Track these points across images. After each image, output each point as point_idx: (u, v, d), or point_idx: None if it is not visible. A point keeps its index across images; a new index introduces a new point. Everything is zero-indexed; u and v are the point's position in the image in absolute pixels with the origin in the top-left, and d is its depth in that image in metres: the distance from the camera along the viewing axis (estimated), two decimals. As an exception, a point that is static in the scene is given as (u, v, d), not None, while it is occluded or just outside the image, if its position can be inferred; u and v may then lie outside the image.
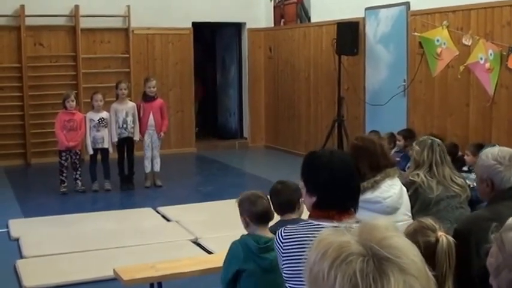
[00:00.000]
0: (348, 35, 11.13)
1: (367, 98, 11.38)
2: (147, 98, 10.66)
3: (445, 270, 3.47)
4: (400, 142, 9.07)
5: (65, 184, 10.32)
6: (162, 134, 10.78)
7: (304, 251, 2.68)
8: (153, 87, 10.71)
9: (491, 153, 4.04)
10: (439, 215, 4.58)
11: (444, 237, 3.54)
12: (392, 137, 9.56)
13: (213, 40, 16.11)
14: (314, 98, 12.90)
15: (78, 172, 10.41)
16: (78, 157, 10.42)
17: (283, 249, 3.31)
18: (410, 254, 1.62)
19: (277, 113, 14.26)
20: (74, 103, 10.36)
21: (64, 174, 10.33)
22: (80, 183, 10.43)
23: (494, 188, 3.92)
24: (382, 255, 1.58)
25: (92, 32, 13.32)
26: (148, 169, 10.85)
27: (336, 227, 1.74)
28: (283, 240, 3.32)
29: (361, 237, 1.63)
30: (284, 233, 3.35)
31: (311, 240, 2.62)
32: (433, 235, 3.57)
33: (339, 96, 11.39)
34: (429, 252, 3.50)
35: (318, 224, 3.27)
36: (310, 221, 3.38)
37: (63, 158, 10.29)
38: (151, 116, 10.58)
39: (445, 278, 3.46)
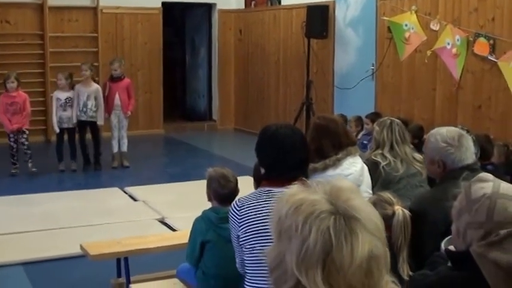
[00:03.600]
0: (318, 19, 11.17)
1: (336, 81, 11.46)
2: (114, 78, 10.62)
3: (400, 242, 3.59)
4: (368, 126, 9.15)
5: (16, 166, 10.16)
6: (128, 112, 10.71)
7: (257, 213, 2.72)
8: (116, 70, 10.60)
9: (440, 134, 4.13)
10: (399, 193, 4.65)
11: (401, 211, 3.65)
12: (360, 120, 9.67)
13: (182, 21, 16.06)
14: (283, 81, 12.95)
15: (28, 153, 10.13)
16: (26, 137, 10.13)
17: (239, 215, 3.52)
18: (373, 216, 1.73)
19: (246, 96, 14.29)
20: (15, 84, 10.02)
21: (15, 157, 10.13)
22: (30, 164, 10.17)
23: (445, 169, 4.01)
24: (350, 215, 1.68)
25: (60, 10, 13.21)
26: (115, 149, 10.83)
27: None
28: (238, 208, 3.54)
29: (330, 197, 1.72)
30: (238, 201, 3.59)
31: (263, 203, 2.67)
32: (389, 208, 3.68)
33: (308, 80, 11.45)
34: (385, 225, 3.59)
35: (268, 190, 3.49)
36: (260, 188, 3.58)
37: (12, 139, 10.08)
38: (117, 96, 10.53)
39: (400, 250, 3.57)
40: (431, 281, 2.33)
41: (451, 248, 2.40)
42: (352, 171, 4.74)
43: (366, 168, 4.97)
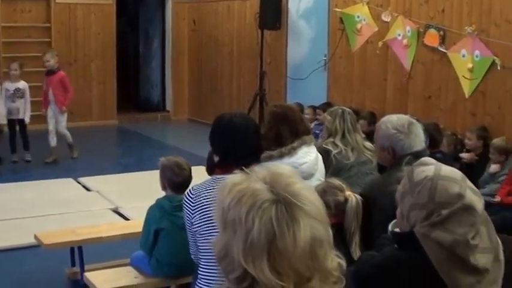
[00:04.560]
0: (271, 10, 11.23)
1: (289, 72, 11.54)
2: (48, 72, 10.38)
3: (353, 227, 3.66)
4: (321, 116, 9.25)
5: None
6: (63, 108, 10.38)
7: (210, 201, 2.80)
8: (48, 61, 10.32)
9: (391, 122, 4.23)
10: (350, 180, 4.74)
11: (353, 196, 3.73)
12: (314, 110, 9.78)
13: (136, 11, 15.98)
14: (237, 72, 13.00)
15: None
16: None
17: (193, 203, 3.56)
18: (313, 199, 1.80)
19: (200, 86, 14.29)
20: None
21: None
22: None
23: (395, 155, 4.11)
24: (291, 202, 1.74)
25: (12, 0, 13.05)
26: (52, 144, 10.54)
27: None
28: (192, 196, 3.59)
29: (271, 185, 1.77)
30: (192, 189, 3.63)
31: (216, 191, 2.74)
32: (341, 194, 3.76)
33: (261, 71, 11.51)
34: (339, 211, 3.69)
35: (222, 178, 3.51)
36: (214, 176, 3.65)
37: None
38: (50, 91, 10.28)
39: (353, 234, 3.65)
40: (378, 261, 2.41)
41: (396, 229, 2.49)
42: (306, 160, 4.81)
43: (320, 157, 5.05)
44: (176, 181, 4.83)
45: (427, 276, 2.28)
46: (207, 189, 3.55)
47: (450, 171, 2.37)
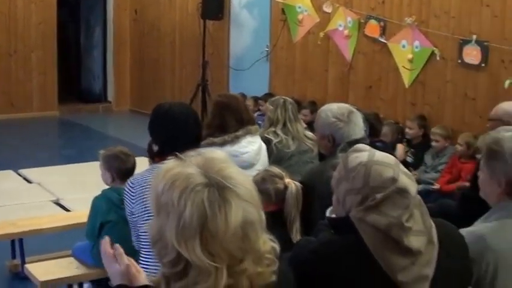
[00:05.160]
0: (214, 0, 11.21)
1: (231, 62, 11.55)
2: None
3: (293, 214, 3.70)
4: (263, 107, 9.29)
5: None
6: None
7: (150, 189, 2.78)
8: None
9: (330, 110, 4.29)
10: (290, 169, 4.79)
11: (293, 184, 3.77)
12: (256, 101, 9.82)
13: (77, 1, 15.75)
14: (179, 62, 12.94)
15: None
16: None
17: (134, 192, 3.61)
18: (245, 182, 1.84)
19: (142, 77, 14.19)
20: None
21: None
22: None
23: (335, 143, 4.17)
24: (223, 185, 1.78)
25: None
26: None
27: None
28: (132, 186, 3.63)
29: (203, 169, 1.81)
30: (132, 179, 3.69)
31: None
32: (281, 182, 3.79)
33: (204, 61, 11.48)
34: (279, 198, 3.73)
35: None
36: (153, 165, 3.66)
37: None
38: None
39: (294, 220, 3.68)
40: (314, 246, 2.45)
41: (332, 215, 2.54)
42: (249, 149, 4.84)
43: (264, 148, 5.09)
44: (125, 168, 4.79)
45: (363, 260, 2.32)
46: (146, 179, 3.55)
47: (384, 156, 2.42)
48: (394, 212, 2.31)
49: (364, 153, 2.42)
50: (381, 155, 2.42)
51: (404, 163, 7.67)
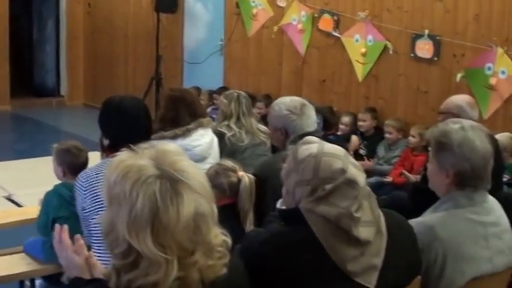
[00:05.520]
0: (167, -7, 11.17)
1: (185, 56, 11.51)
2: None
3: (247, 206, 3.71)
4: (217, 101, 9.27)
5: None
6: None
7: (102, 184, 2.77)
8: None
9: (283, 103, 4.31)
10: (244, 162, 4.79)
11: (246, 177, 3.78)
12: (211, 95, 9.80)
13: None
14: (132, 56, 12.85)
15: None
16: None
17: (85, 187, 3.57)
18: (197, 175, 1.85)
19: (95, 71, 14.06)
20: None
21: None
22: None
23: (288, 136, 4.19)
24: (175, 177, 1.78)
25: None
26: None
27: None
28: (83, 180, 3.60)
29: (156, 161, 1.81)
30: (83, 173, 3.65)
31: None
32: (234, 175, 3.80)
33: (157, 54, 11.43)
34: (233, 191, 3.74)
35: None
36: (105, 159, 3.67)
37: None
38: None
39: (248, 213, 3.69)
40: (264, 237, 2.45)
41: (283, 206, 2.55)
42: (201, 142, 4.84)
43: (216, 141, 5.09)
44: (77, 163, 4.73)
45: (313, 251, 2.33)
46: (98, 173, 3.53)
47: (333, 148, 2.45)
48: (343, 202, 2.33)
49: (313, 145, 2.44)
50: (330, 147, 2.44)
51: (357, 155, 7.80)
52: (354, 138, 7.95)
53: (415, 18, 7.91)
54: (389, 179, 7.27)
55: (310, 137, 2.56)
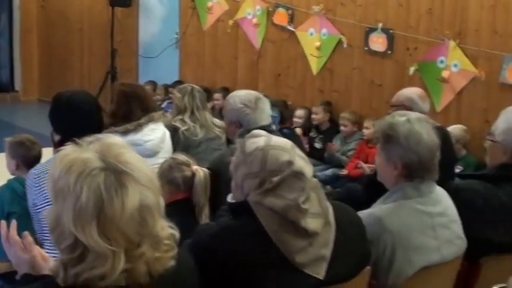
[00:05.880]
0: (122, -13, 11.09)
1: (141, 50, 11.46)
2: None
3: (202, 200, 3.72)
4: (173, 94, 9.24)
5: None
6: None
7: None
8: None
9: (238, 96, 4.33)
10: (198, 156, 4.79)
11: (200, 171, 3.78)
12: (167, 89, 9.77)
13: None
14: (87, 50, 12.74)
15: None
16: None
17: (36, 182, 3.55)
18: (142, 168, 1.85)
19: (50, 66, 13.90)
20: None
21: None
22: None
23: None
24: (120, 169, 1.78)
25: None
26: None
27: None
28: (35, 176, 3.58)
29: (101, 154, 1.81)
30: (35, 169, 3.64)
31: None
32: (188, 169, 3.79)
33: (112, 49, 11.35)
34: (188, 186, 3.74)
35: None
36: (55, 155, 3.58)
37: None
38: None
39: (203, 207, 3.70)
40: (214, 230, 2.47)
41: (232, 200, 2.57)
42: (153, 137, 4.81)
43: (168, 135, 5.07)
44: (31, 156, 4.71)
45: (261, 243, 2.35)
46: (48, 168, 3.50)
47: (280, 141, 2.47)
48: (290, 194, 2.35)
49: (261, 138, 2.46)
50: (277, 140, 2.47)
51: (313, 149, 7.86)
52: (298, 131, 7.97)
53: (368, 12, 7.98)
54: (344, 172, 7.33)
55: (257, 130, 2.58)
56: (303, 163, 2.42)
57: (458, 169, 6.58)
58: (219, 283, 2.34)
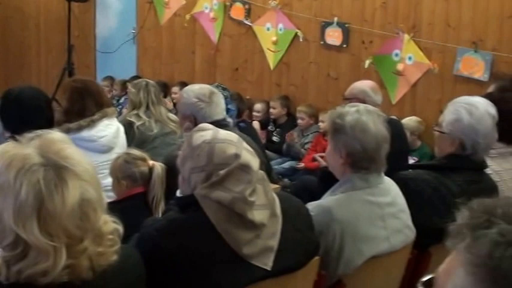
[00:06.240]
0: (76, -19, 11.00)
1: (98, 45, 11.38)
2: None
3: (159, 194, 3.73)
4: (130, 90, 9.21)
5: None
6: None
7: None
8: None
9: (192, 91, 4.34)
10: (154, 151, 4.80)
11: (158, 165, 3.80)
12: (124, 84, 9.71)
13: None
14: (44, 46, 12.62)
15: None
16: None
17: None
18: (83, 162, 1.84)
19: (6, 62, 13.71)
20: None
21: None
22: None
23: (196, 124, 4.21)
24: (60, 164, 1.78)
25: None
26: None
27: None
28: None
29: (41, 150, 1.81)
30: None
31: None
32: (144, 164, 3.80)
33: (69, 44, 11.24)
34: (145, 180, 3.75)
35: None
36: None
37: None
38: None
39: (159, 201, 3.71)
40: (160, 224, 2.47)
41: (179, 194, 2.58)
42: (106, 133, 4.79)
43: (122, 130, 5.04)
44: None
45: (208, 236, 2.37)
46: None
47: (227, 134, 2.49)
48: (237, 187, 2.37)
49: (208, 131, 2.48)
50: (224, 133, 2.49)
51: (271, 142, 7.90)
52: (255, 124, 7.99)
53: (324, 6, 8.03)
54: (301, 165, 7.37)
55: (204, 124, 2.60)
56: (249, 156, 2.44)
57: (413, 160, 6.68)
58: (166, 277, 2.34)
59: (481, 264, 1.15)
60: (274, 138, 8.06)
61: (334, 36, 7.92)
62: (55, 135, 1.90)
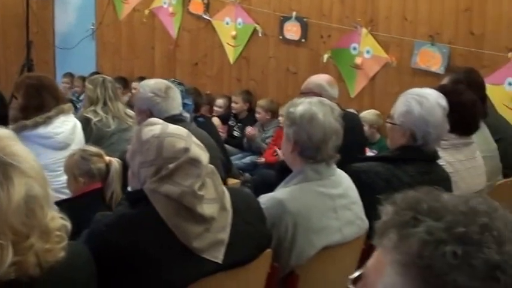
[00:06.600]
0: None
1: (57, 41, 11.29)
2: None
3: (118, 190, 3.73)
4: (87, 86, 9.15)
5: None
6: None
7: None
8: None
9: (148, 85, 4.35)
10: (111, 147, 4.79)
11: (114, 161, 3.80)
12: (84, 81, 9.65)
13: None
14: (2, 42, 12.45)
15: None
16: None
17: None
18: (29, 159, 1.83)
19: (-36, 59, 13.59)
20: None
21: None
22: None
23: None
24: (5, 162, 1.77)
25: None
26: None
27: None
28: None
29: None
30: None
31: None
32: (101, 160, 3.80)
33: (28, 40, 11.14)
34: (102, 176, 3.75)
35: None
36: None
37: None
38: None
39: (117, 196, 3.71)
40: (110, 219, 2.47)
41: (129, 189, 2.58)
42: (63, 129, 4.77)
43: (79, 126, 5.02)
44: None
45: (158, 230, 2.37)
46: None
47: (176, 128, 2.50)
48: (186, 181, 2.38)
49: (157, 126, 2.49)
50: (173, 128, 2.50)
51: (232, 137, 7.92)
52: (215, 120, 8.00)
53: (283, 0, 8.05)
54: (261, 160, 7.39)
55: (153, 119, 2.61)
56: (199, 150, 2.45)
57: (373, 153, 6.73)
58: (116, 272, 2.34)
59: (411, 264, 1.14)
60: (235, 133, 8.08)
61: (292, 31, 7.95)
62: (1, 132, 1.90)
